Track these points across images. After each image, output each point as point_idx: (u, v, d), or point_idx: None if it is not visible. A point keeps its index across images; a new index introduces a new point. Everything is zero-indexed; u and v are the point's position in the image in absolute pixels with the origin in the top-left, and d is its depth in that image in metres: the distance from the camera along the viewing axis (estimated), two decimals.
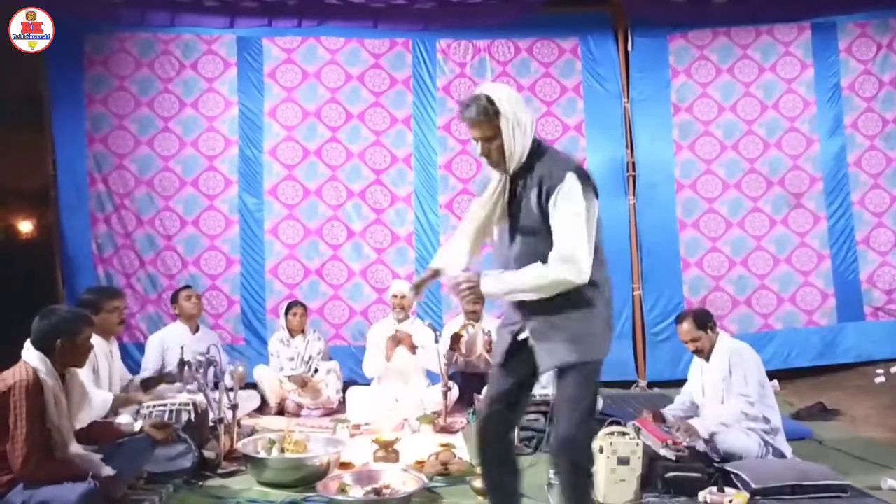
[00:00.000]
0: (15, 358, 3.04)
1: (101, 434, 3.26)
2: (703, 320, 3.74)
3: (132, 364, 5.17)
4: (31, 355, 2.97)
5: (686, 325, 3.73)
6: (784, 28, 6.21)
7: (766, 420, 3.54)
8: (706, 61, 6.24)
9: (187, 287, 5.22)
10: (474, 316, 5.22)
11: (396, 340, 5.09)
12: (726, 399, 3.57)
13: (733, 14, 6.16)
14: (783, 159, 6.15)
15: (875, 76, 6.17)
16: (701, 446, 3.44)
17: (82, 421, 3.23)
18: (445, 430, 4.53)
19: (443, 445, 3.85)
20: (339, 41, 6.15)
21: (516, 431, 3.95)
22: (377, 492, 3.23)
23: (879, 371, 5.70)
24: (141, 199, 5.97)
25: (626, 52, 6.18)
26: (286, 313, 5.41)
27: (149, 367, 4.71)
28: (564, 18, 6.20)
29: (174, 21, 5.97)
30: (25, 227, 11.15)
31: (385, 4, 6.00)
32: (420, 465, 3.62)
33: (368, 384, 5.29)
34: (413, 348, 5.10)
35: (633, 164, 6.14)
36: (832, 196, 6.13)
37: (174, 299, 5.06)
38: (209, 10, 5.96)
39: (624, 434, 3.28)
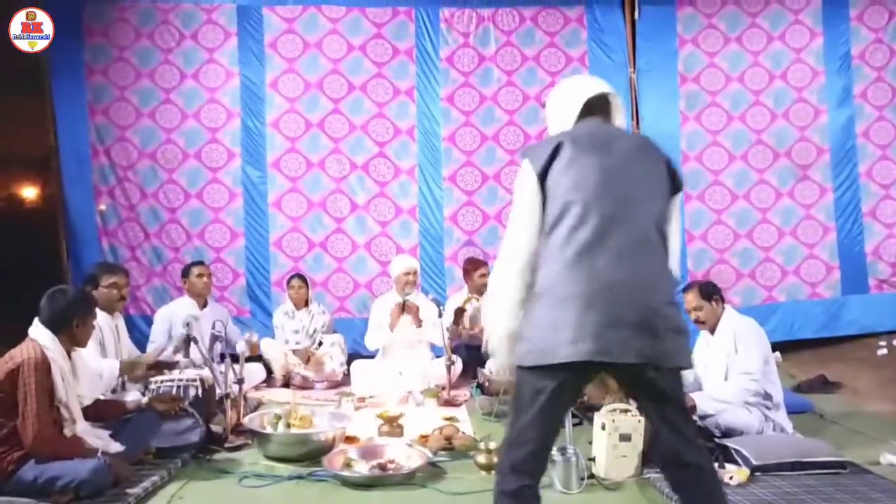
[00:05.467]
0: (19, 329, 3.07)
1: (107, 411, 3.31)
2: (708, 291, 3.75)
3: (139, 336, 5.22)
4: (39, 333, 3.00)
5: (690, 295, 3.76)
6: None
7: (768, 396, 3.56)
8: (714, 30, 6.13)
9: (200, 263, 5.10)
10: (477, 290, 5.23)
11: (404, 309, 5.12)
12: (730, 376, 3.58)
13: None
14: (790, 130, 6.08)
15: (887, 45, 6.07)
16: (699, 421, 3.46)
17: (91, 395, 3.28)
18: (449, 403, 4.58)
19: (447, 419, 3.89)
20: (340, 10, 6.04)
21: None
22: (382, 467, 3.27)
23: (882, 343, 5.71)
24: (144, 172, 5.95)
25: (633, 21, 6.07)
26: (288, 286, 5.45)
27: (156, 342, 4.73)
28: None
29: None
30: (29, 193, 11.10)
31: None
32: (424, 439, 3.65)
33: (373, 357, 5.33)
34: (419, 320, 5.13)
35: None
36: (839, 168, 6.08)
37: (185, 273, 5.02)
38: None
39: (626, 411, 3.31)
